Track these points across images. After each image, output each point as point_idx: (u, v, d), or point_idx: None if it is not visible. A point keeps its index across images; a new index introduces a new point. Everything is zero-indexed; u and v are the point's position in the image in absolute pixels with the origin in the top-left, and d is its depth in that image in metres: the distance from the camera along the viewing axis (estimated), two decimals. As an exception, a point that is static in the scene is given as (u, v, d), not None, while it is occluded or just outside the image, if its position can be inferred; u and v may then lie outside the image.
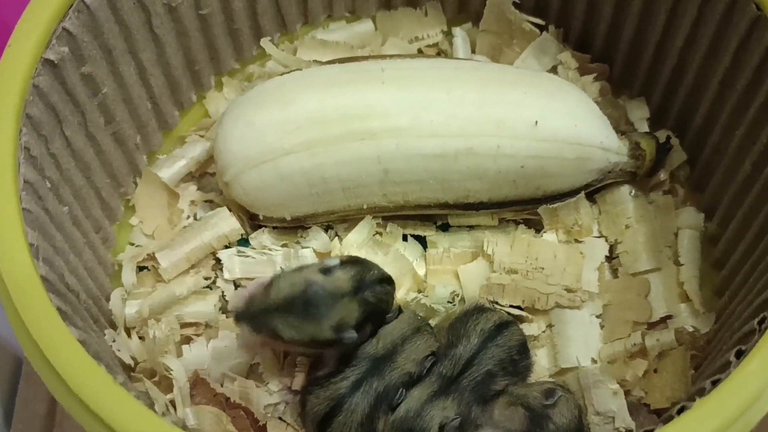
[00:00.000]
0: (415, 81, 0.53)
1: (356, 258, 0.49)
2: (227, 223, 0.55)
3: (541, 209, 0.55)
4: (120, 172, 0.57)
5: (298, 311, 0.44)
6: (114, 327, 0.52)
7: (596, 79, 0.60)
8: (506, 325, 0.49)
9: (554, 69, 0.61)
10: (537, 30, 0.62)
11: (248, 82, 0.63)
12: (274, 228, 0.56)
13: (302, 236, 0.56)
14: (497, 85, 0.53)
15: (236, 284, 0.55)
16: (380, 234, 0.56)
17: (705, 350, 0.51)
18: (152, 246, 0.56)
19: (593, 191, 0.56)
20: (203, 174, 0.60)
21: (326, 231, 0.56)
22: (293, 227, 0.56)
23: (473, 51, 0.64)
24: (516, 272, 0.53)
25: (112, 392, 0.37)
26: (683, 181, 0.58)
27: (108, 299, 0.54)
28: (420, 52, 0.64)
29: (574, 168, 0.53)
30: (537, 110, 0.51)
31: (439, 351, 0.48)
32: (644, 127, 0.60)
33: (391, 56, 0.57)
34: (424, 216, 0.57)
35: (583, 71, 0.60)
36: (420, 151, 0.51)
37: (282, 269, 0.52)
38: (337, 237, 0.56)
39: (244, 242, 0.57)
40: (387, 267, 0.53)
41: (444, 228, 0.57)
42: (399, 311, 0.49)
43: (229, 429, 0.49)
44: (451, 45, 0.64)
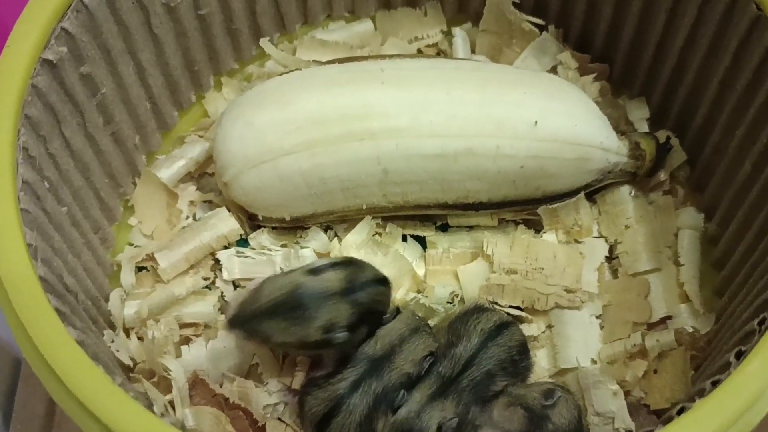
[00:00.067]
0: (415, 81, 0.53)
1: (350, 259, 0.49)
2: (226, 224, 0.55)
3: (541, 209, 0.55)
4: (119, 173, 0.56)
5: (286, 314, 0.44)
6: (113, 327, 0.52)
7: (596, 79, 0.60)
8: (506, 326, 0.49)
9: (554, 69, 0.61)
10: (537, 30, 0.62)
11: (247, 82, 0.63)
12: (274, 228, 0.56)
13: (301, 236, 0.56)
14: (497, 86, 0.53)
15: (235, 285, 0.55)
16: (380, 234, 0.56)
17: (705, 351, 0.51)
18: (151, 246, 0.56)
19: (593, 191, 0.56)
20: (202, 174, 0.60)
21: (325, 231, 0.56)
22: (292, 227, 0.56)
23: (473, 51, 0.64)
24: (515, 273, 0.53)
25: (111, 393, 0.37)
26: (683, 182, 0.58)
27: (107, 300, 0.54)
28: (420, 52, 0.64)
29: (574, 168, 0.53)
30: (537, 110, 0.51)
31: (438, 351, 0.48)
32: (644, 128, 0.60)
33: (391, 56, 0.57)
34: (424, 216, 0.57)
35: (583, 71, 0.60)
36: (420, 152, 0.51)
37: (281, 269, 0.52)
38: (337, 237, 0.56)
39: (244, 243, 0.56)
40: (386, 267, 0.53)
41: (443, 228, 0.57)
42: (397, 312, 0.49)
43: (228, 430, 0.49)
44: (451, 45, 0.64)
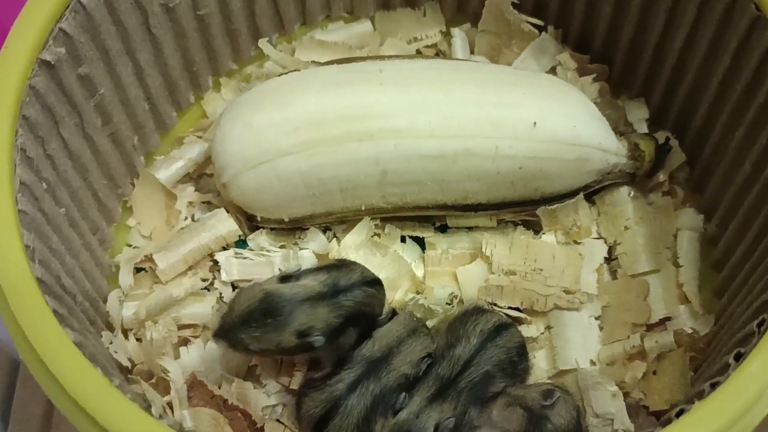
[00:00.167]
0: (414, 82, 0.53)
1: (339, 262, 0.49)
2: (225, 225, 0.55)
3: (540, 210, 0.55)
4: (117, 174, 0.56)
5: (259, 321, 0.44)
6: (111, 329, 0.52)
7: (595, 80, 0.60)
8: (505, 327, 0.49)
9: (553, 70, 0.61)
10: (536, 30, 0.61)
11: (246, 83, 0.63)
12: (272, 229, 0.56)
13: (300, 237, 0.56)
14: (496, 86, 0.53)
15: (234, 286, 0.55)
16: (378, 235, 0.56)
17: (704, 352, 0.51)
18: (150, 247, 0.56)
19: (592, 192, 0.56)
20: (201, 175, 0.60)
21: (324, 232, 0.56)
22: (291, 228, 0.56)
23: (472, 52, 0.64)
24: (514, 274, 0.53)
25: (108, 395, 0.37)
26: (683, 182, 0.58)
27: (105, 301, 0.54)
28: (418, 53, 0.64)
29: (573, 169, 0.52)
30: (536, 111, 0.51)
31: (437, 352, 0.48)
32: (643, 128, 0.59)
33: (390, 57, 0.57)
34: (423, 217, 0.57)
35: (582, 72, 0.60)
36: (418, 152, 0.51)
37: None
38: (336, 238, 0.56)
39: (242, 244, 0.56)
40: (385, 268, 0.53)
41: (442, 229, 0.57)
42: (393, 313, 0.49)
43: (227, 431, 0.49)
44: (450, 46, 0.64)
